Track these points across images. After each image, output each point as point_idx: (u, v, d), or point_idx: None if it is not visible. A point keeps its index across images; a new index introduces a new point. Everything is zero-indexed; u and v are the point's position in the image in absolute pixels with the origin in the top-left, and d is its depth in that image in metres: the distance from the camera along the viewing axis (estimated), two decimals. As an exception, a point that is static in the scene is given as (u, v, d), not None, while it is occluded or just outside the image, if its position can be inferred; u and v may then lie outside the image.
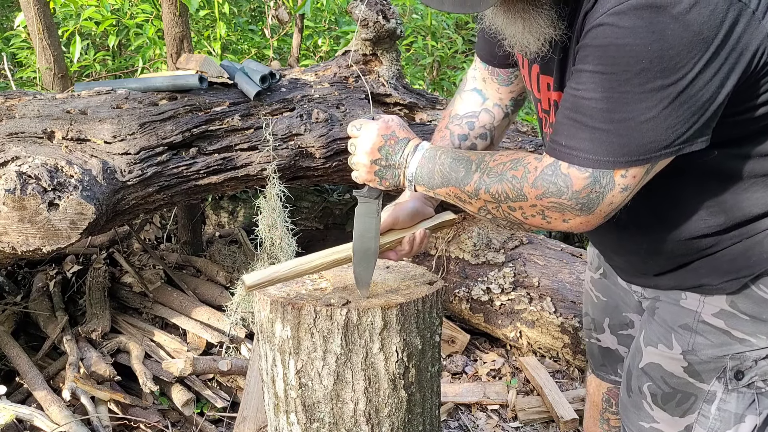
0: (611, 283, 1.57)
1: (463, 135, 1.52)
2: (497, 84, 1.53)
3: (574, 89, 1.08)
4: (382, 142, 1.30)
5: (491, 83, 1.54)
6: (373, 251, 1.39)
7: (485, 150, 1.54)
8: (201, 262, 3.30)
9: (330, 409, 1.39)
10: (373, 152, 1.31)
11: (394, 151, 1.30)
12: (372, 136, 1.31)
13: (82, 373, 2.42)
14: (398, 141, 1.30)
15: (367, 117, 1.37)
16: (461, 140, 1.52)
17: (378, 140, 1.30)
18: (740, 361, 1.24)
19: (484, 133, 1.53)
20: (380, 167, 1.32)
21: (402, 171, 1.30)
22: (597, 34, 1.03)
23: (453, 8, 1.09)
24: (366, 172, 1.33)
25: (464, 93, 1.57)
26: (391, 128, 1.32)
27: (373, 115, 1.36)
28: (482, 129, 1.53)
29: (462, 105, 1.56)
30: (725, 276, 1.22)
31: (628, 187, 1.08)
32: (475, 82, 1.57)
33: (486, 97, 1.55)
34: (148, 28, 3.88)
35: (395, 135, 1.31)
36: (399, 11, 3.14)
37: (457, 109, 1.56)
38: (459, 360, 2.96)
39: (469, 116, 1.54)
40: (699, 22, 0.97)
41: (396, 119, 1.34)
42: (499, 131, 1.57)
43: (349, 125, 1.36)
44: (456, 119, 1.55)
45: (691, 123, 1.03)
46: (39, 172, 2.01)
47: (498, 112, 1.54)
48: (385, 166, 1.31)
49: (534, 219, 1.16)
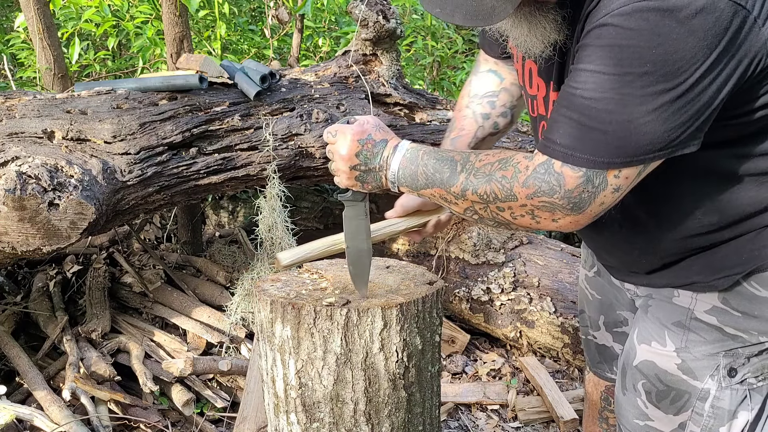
0: (605, 281, 1.58)
1: (486, 114, 1.54)
2: (507, 68, 1.56)
3: (573, 87, 1.08)
4: (359, 147, 1.29)
5: (502, 66, 1.57)
6: (367, 251, 1.39)
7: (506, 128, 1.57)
8: (201, 262, 3.30)
9: (330, 409, 1.39)
10: (350, 158, 1.29)
11: (372, 155, 1.29)
12: (347, 141, 1.29)
13: (82, 373, 2.42)
14: (375, 144, 1.29)
15: (342, 121, 1.35)
16: (484, 119, 1.54)
17: (354, 145, 1.29)
18: (733, 358, 1.24)
19: (505, 111, 1.56)
20: (360, 172, 1.30)
21: (383, 174, 1.29)
22: (601, 34, 1.03)
23: (464, 21, 1.08)
24: (347, 178, 1.32)
25: (480, 74, 1.59)
26: (367, 131, 1.30)
27: (348, 118, 1.35)
28: (503, 108, 1.55)
29: (480, 85, 1.58)
30: (717, 273, 1.22)
31: (620, 188, 1.09)
32: (489, 64, 1.59)
33: (503, 77, 1.57)
34: (147, 28, 3.88)
35: (371, 138, 1.29)
36: (399, 11, 3.14)
37: (475, 90, 1.58)
38: (459, 360, 2.96)
39: (489, 95, 1.56)
40: (704, 28, 0.97)
41: (372, 120, 1.32)
42: (519, 108, 1.60)
43: (325, 131, 1.34)
44: (476, 99, 1.56)
45: (687, 126, 1.03)
46: (39, 172, 2.01)
47: (516, 90, 1.56)
48: (365, 170, 1.30)
49: (523, 219, 1.16)
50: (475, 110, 1.55)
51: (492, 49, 1.54)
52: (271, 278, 1.56)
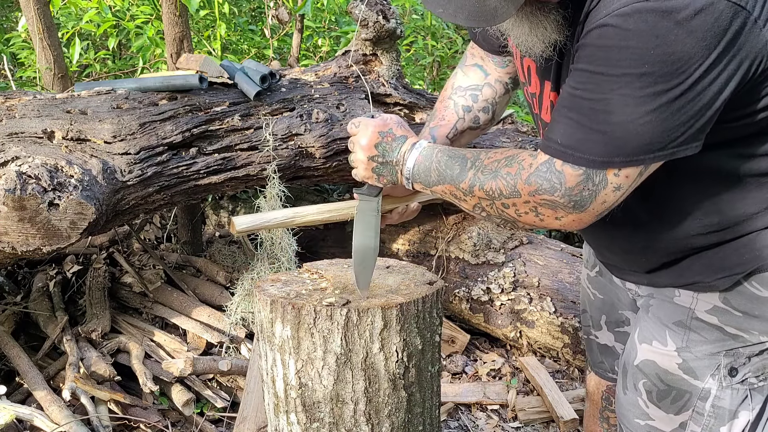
0: (607, 280, 1.58)
1: (467, 107, 1.55)
2: (494, 65, 1.56)
3: (573, 88, 1.08)
4: (379, 139, 1.33)
5: (489, 62, 1.57)
6: (374, 249, 1.40)
7: (487, 124, 1.58)
8: (201, 262, 3.30)
9: (330, 409, 1.39)
10: (370, 149, 1.33)
11: (391, 149, 1.33)
12: (369, 133, 1.33)
13: (82, 373, 2.42)
14: (395, 138, 1.33)
15: (367, 115, 1.39)
16: (465, 111, 1.55)
17: (375, 137, 1.33)
18: (734, 357, 1.25)
19: (487, 107, 1.56)
20: (377, 164, 1.34)
21: (399, 168, 1.33)
22: (600, 35, 1.03)
23: (467, 21, 1.09)
24: (364, 169, 1.36)
25: (466, 67, 1.60)
26: (389, 125, 1.34)
27: (373, 113, 1.38)
28: (485, 102, 1.56)
29: (465, 78, 1.59)
30: (718, 273, 1.22)
31: (621, 187, 1.09)
32: (475, 59, 1.59)
33: (488, 72, 1.57)
34: (148, 28, 3.88)
35: (392, 132, 1.34)
36: (399, 11, 3.14)
37: (460, 81, 1.59)
38: (459, 360, 2.96)
39: (472, 89, 1.57)
40: (703, 29, 0.98)
41: (395, 118, 1.37)
42: (501, 106, 1.60)
43: (349, 123, 1.38)
44: (459, 90, 1.57)
45: (686, 127, 1.03)
46: (39, 172, 2.01)
47: (499, 87, 1.57)
48: (382, 162, 1.34)
49: (527, 216, 1.17)
50: (457, 102, 1.56)
51: (487, 42, 1.53)
52: (271, 278, 1.56)
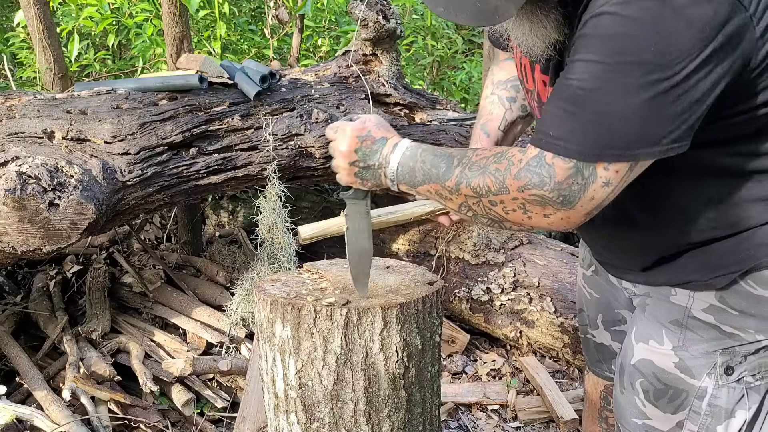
0: (603, 279, 1.58)
1: (512, 97, 1.56)
2: None
3: (568, 78, 1.07)
4: (358, 144, 1.29)
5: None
6: (368, 250, 1.39)
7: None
8: (201, 262, 3.30)
9: (330, 409, 1.39)
10: (349, 154, 1.30)
11: (371, 152, 1.29)
12: (347, 138, 1.29)
13: (82, 373, 2.42)
14: (375, 141, 1.29)
15: (345, 119, 1.35)
16: (510, 102, 1.56)
17: (354, 142, 1.29)
18: (730, 356, 1.24)
19: None
20: (359, 168, 1.30)
21: (382, 171, 1.29)
22: (598, 23, 1.03)
23: (468, 20, 1.08)
24: (346, 175, 1.32)
25: (501, 62, 1.61)
26: (367, 128, 1.30)
27: (352, 116, 1.35)
28: None
29: (502, 72, 1.60)
30: (714, 272, 1.22)
31: (610, 182, 1.08)
32: (506, 53, 1.60)
33: None
34: (147, 27, 3.88)
35: (371, 135, 1.30)
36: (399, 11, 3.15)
37: (498, 77, 1.60)
38: (459, 360, 2.96)
39: (512, 80, 1.58)
40: (702, 20, 0.97)
41: (374, 118, 1.33)
42: None
43: (327, 128, 1.35)
44: (500, 84, 1.59)
45: (680, 122, 1.03)
46: (39, 172, 2.01)
47: None
48: (364, 167, 1.30)
49: (515, 214, 1.15)
50: (501, 95, 1.57)
51: (497, 42, 1.56)
52: (271, 278, 1.56)
